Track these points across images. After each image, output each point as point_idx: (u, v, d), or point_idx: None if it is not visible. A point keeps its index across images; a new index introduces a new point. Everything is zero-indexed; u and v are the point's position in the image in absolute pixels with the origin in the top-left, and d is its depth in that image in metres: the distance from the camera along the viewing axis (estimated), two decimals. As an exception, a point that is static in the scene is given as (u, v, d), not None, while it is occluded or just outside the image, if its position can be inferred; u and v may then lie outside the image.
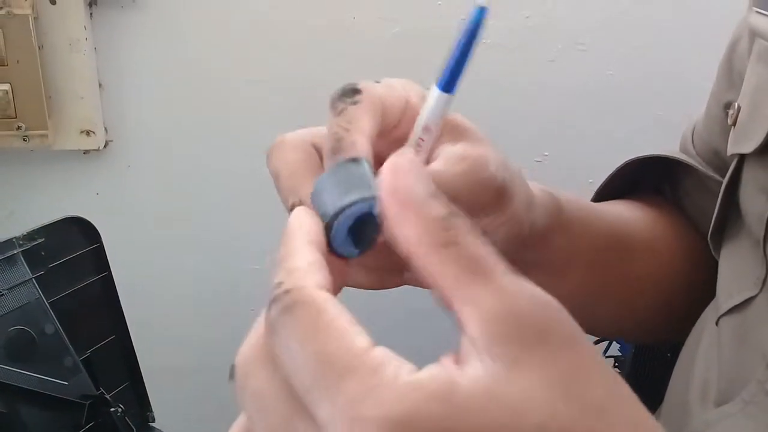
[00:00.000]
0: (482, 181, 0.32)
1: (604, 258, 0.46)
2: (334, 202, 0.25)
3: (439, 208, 0.22)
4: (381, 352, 0.21)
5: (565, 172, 0.98)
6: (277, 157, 0.32)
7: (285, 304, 0.22)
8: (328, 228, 0.25)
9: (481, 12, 0.28)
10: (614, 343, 1.06)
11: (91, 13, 0.86)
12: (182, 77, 0.92)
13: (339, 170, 0.27)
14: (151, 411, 0.59)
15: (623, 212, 0.51)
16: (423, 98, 0.32)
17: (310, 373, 0.21)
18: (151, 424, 0.59)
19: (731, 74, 0.49)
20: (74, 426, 0.51)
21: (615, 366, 1.07)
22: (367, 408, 0.19)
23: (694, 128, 0.56)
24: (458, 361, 0.21)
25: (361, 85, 0.31)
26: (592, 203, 0.49)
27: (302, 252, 0.24)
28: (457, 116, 0.34)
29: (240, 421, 0.24)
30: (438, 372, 0.20)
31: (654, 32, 0.96)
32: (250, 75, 0.93)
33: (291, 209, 0.29)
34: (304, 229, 0.25)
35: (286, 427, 0.21)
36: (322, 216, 0.26)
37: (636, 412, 0.22)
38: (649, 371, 0.81)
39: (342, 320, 0.21)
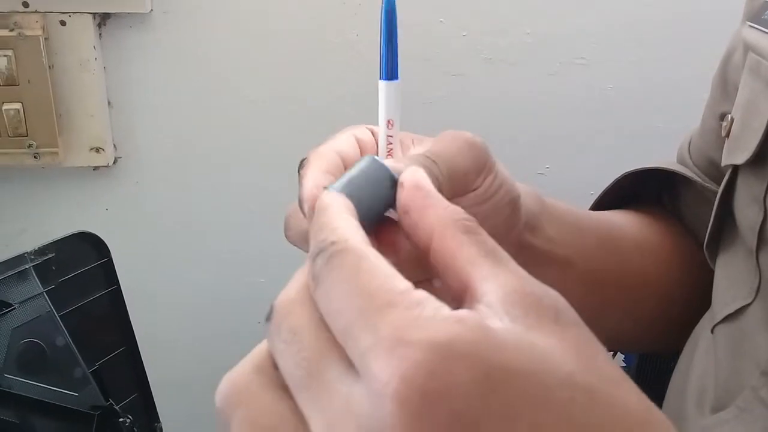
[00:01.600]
0: (477, 155, 0.35)
1: (598, 253, 0.46)
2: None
3: (458, 208, 0.24)
4: (422, 293, 0.21)
5: (567, 184, 0.99)
6: (288, 227, 0.35)
7: (330, 252, 0.22)
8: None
9: (387, 4, 0.31)
10: (618, 354, 1.06)
11: (100, 34, 0.88)
12: (189, 95, 0.94)
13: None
14: (159, 422, 0.60)
15: (615, 217, 0.52)
16: (365, 131, 0.35)
17: (352, 311, 0.21)
18: (158, 434, 0.60)
19: (726, 86, 0.49)
20: (84, 436, 0.52)
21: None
22: (411, 333, 0.20)
23: (690, 139, 0.57)
24: (482, 310, 0.22)
25: (307, 155, 0.34)
26: (578, 207, 0.50)
27: (343, 216, 0.25)
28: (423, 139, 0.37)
29: (262, 347, 0.24)
30: (475, 314, 0.21)
31: (652, 46, 0.97)
32: (256, 91, 0.94)
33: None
34: (339, 203, 0.26)
35: (317, 364, 0.22)
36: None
37: (639, 394, 0.22)
38: (652, 382, 0.82)
39: (384, 266, 0.22)
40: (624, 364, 1.05)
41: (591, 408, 0.20)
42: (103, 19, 0.87)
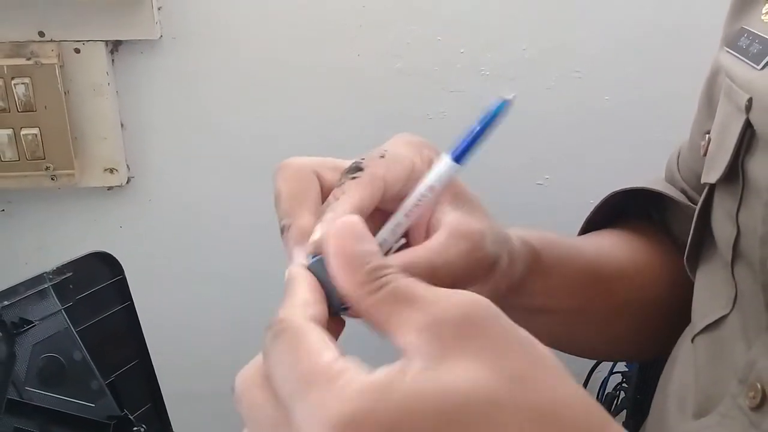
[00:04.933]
0: (479, 258, 0.36)
1: (583, 295, 0.48)
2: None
3: (366, 263, 0.27)
4: (340, 364, 0.25)
5: (566, 194, 1.01)
6: (281, 179, 0.36)
7: (275, 330, 0.27)
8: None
9: (504, 104, 0.32)
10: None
11: (112, 60, 0.91)
12: (198, 116, 0.96)
13: None
14: (172, 430, 0.61)
15: (603, 245, 0.53)
16: (430, 162, 0.36)
17: (288, 385, 0.25)
18: (172, 443, 0.62)
19: (710, 104, 0.51)
20: (101, 444, 0.54)
21: (622, 381, 1.09)
22: (323, 412, 0.24)
23: (679, 152, 0.58)
24: (404, 364, 0.25)
25: (365, 163, 0.35)
26: (570, 242, 0.51)
27: (300, 291, 0.29)
28: (461, 184, 0.38)
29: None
30: (380, 373, 0.25)
31: (648, 58, 0.98)
32: (262, 111, 0.97)
33: (282, 230, 0.34)
34: (305, 277, 0.30)
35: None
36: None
37: (557, 380, 0.25)
38: (654, 386, 0.83)
39: (316, 342, 0.26)
40: (626, 369, 1.07)
41: (496, 417, 0.23)
42: (115, 46, 0.91)
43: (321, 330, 0.27)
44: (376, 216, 0.35)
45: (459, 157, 0.33)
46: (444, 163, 0.33)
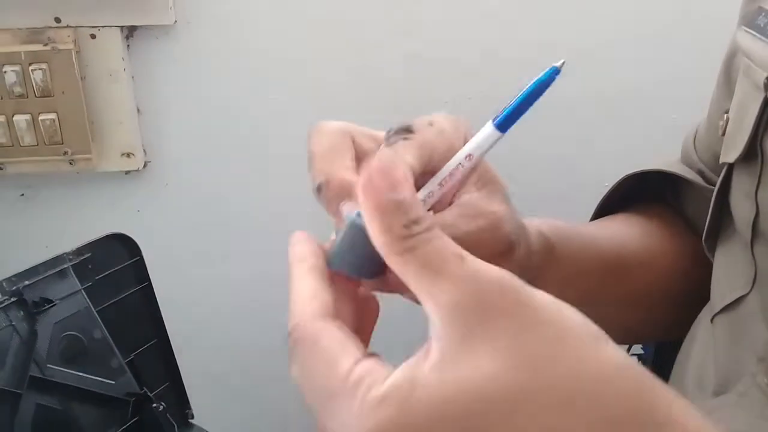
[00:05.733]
0: (494, 237, 0.35)
1: (598, 284, 0.48)
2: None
3: (401, 217, 0.25)
4: (358, 373, 0.25)
5: (576, 179, 1.01)
6: (315, 140, 0.34)
7: (293, 339, 0.27)
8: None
9: (552, 71, 0.31)
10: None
11: (128, 45, 0.92)
12: (213, 100, 0.97)
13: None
14: (190, 408, 0.63)
15: (618, 232, 0.53)
16: (465, 139, 0.34)
17: (310, 397, 0.26)
18: (190, 420, 0.62)
19: (729, 84, 0.50)
20: (120, 421, 0.55)
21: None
22: (344, 425, 0.24)
23: (696, 132, 0.58)
24: (428, 348, 0.25)
25: (415, 126, 0.34)
26: (585, 231, 0.50)
27: (302, 283, 0.29)
28: (488, 164, 0.37)
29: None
30: (400, 376, 0.24)
31: (661, 39, 0.97)
32: (276, 94, 0.97)
33: (318, 189, 0.33)
34: (303, 257, 0.29)
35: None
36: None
37: (588, 351, 0.24)
38: (670, 369, 0.83)
39: (331, 348, 0.26)
40: (642, 352, 1.07)
41: (515, 415, 0.23)
42: (130, 32, 0.91)
43: (334, 329, 0.27)
44: None
45: (501, 125, 0.31)
46: (486, 130, 0.32)
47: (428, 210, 0.34)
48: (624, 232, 0.53)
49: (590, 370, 0.24)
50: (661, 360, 0.98)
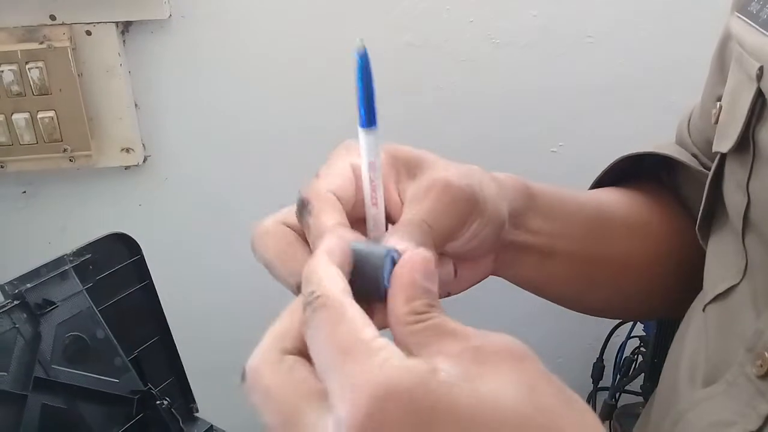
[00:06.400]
0: (454, 197, 0.36)
1: (584, 238, 0.48)
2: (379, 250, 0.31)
3: (423, 298, 0.29)
4: (382, 342, 0.26)
5: (580, 161, 1.01)
6: (264, 248, 0.36)
7: (315, 306, 0.27)
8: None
9: (360, 54, 0.32)
10: (638, 323, 1.08)
11: (123, 41, 0.92)
12: (210, 93, 0.97)
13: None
14: (195, 403, 0.63)
15: (605, 197, 0.53)
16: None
17: (327, 356, 0.26)
18: (195, 414, 0.62)
19: (722, 69, 0.49)
20: (126, 418, 0.55)
21: (640, 345, 1.10)
22: (361, 378, 0.25)
23: (690, 117, 0.57)
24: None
25: (306, 195, 0.35)
26: (568, 191, 0.51)
27: (328, 267, 0.29)
28: (402, 150, 0.38)
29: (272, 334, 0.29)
30: (423, 363, 0.26)
31: (662, 22, 0.97)
32: (272, 86, 0.97)
33: (297, 289, 0.33)
34: (329, 252, 0.31)
35: (290, 415, 0.27)
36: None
37: (586, 419, 0.26)
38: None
39: (356, 317, 0.27)
40: (644, 333, 1.07)
41: None
42: (125, 27, 0.91)
43: (361, 309, 0.28)
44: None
45: (365, 122, 0.32)
46: (362, 136, 0.33)
47: (387, 225, 0.36)
48: (614, 198, 0.54)
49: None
50: (662, 342, 0.98)
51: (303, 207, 0.35)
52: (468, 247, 0.39)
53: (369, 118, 0.32)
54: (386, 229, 0.36)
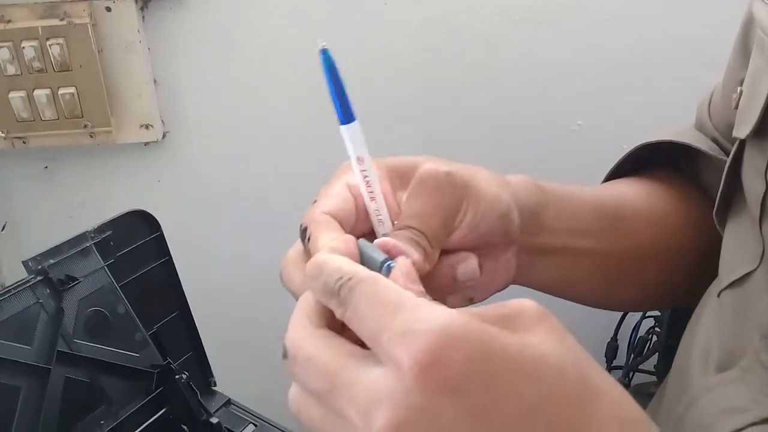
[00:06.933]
0: (433, 184, 0.37)
1: (602, 233, 0.48)
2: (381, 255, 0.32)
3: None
4: (423, 299, 0.27)
5: (600, 139, 1.00)
6: (289, 279, 0.37)
7: (350, 285, 0.28)
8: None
9: (323, 54, 0.33)
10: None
11: (143, 17, 0.92)
12: (229, 69, 0.97)
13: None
14: (213, 377, 0.64)
15: (621, 190, 0.53)
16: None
17: (375, 319, 0.27)
18: (213, 388, 0.64)
19: (746, 51, 0.48)
20: (146, 391, 0.57)
21: (654, 325, 1.09)
22: (415, 325, 0.26)
23: (711, 98, 0.57)
24: None
25: (305, 221, 0.36)
26: (583, 186, 0.51)
27: (339, 257, 0.30)
28: (394, 160, 0.39)
29: (293, 391, 0.30)
30: (464, 312, 0.27)
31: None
32: (291, 62, 0.97)
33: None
34: (333, 249, 0.32)
35: (337, 374, 0.28)
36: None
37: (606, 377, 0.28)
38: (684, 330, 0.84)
39: (393, 285, 0.28)
40: (658, 313, 1.07)
41: (561, 383, 0.26)
42: (144, 3, 0.92)
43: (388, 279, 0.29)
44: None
45: (345, 119, 0.33)
46: (344, 133, 0.34)
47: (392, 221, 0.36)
48: (629, 189, 0.53)
49: (608, 384, 0.29)
50: (677, 321, 0.98)
51: (304, 235, 0.36)
52: (473, 237, 0.39)
53: (346, 115, 0.33)
54: (392, 224, 0.36)
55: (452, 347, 0.25)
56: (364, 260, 0.32)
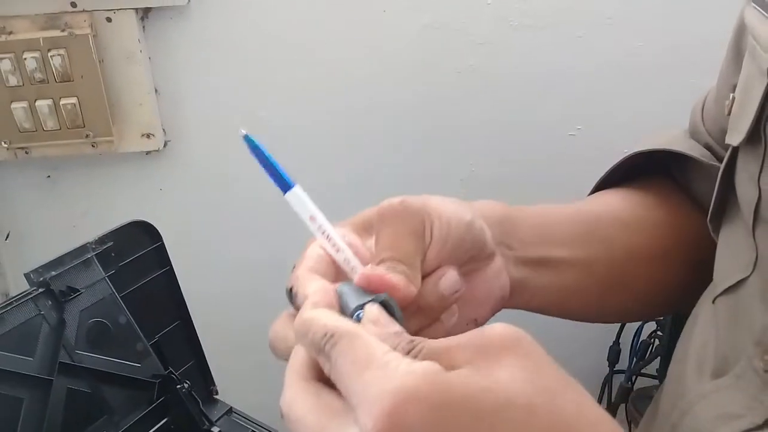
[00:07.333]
0: (400, 209, 0.37)
1: (581, 242, 0.48)
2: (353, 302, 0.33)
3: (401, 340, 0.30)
4: (393, 356, 0.28)
5: (599, 144, 1.01)
6: (278, 352, 0.37)
7: (333, 341, 0.29)
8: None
9: (247, 139, 0.36)
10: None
11: (143, 27, 0.93)
12: (229, 78, 0.98)
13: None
14: (215, 385, 0.64)
15: (601, 198, 0.53)
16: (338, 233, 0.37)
17: (350, 377, 0.28)
18: (215, 397, 0.64)
19: (738, 58, 0.48)
20: (147, 401, 0.57)
21: (657, 329, 1.10)
22: (379, 386, 0.27)
23: (704, 102, 0.56)
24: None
25: (291, 283, 0.36)
26: (556, 203, 0.51)
27: (324, 312, 0.31)
28: (357, 218, 0.40)
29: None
30: (428, 365, 0.27)
31: (682, 2, 0.95)
32: (291, 71, 0.98)
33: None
34: (324, 307, 0.33)
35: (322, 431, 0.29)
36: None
37: (583, 398, 0.28)
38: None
39: (370, 339, 0.29)
40: (661, 317, 1.07)
41: (530, 421, 0.26)
42: (145, 13, 0.92)
43: (372, 332, 0.30)
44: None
45: (284, 188, 0.36)
46: (290, 200, 0.36)
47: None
48: (610, 199, 0.53)
49: (588, 413, 0.28)
50: (679, 325, 0.98)
51: (290, 296, 0.36)
52: (449, 250, 0.38)
53: (283, 185, 0.36)
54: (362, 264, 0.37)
55: (409, 408, 0.26)
56: (342, 309, 0.33)
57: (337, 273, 0.37)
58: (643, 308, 0.56)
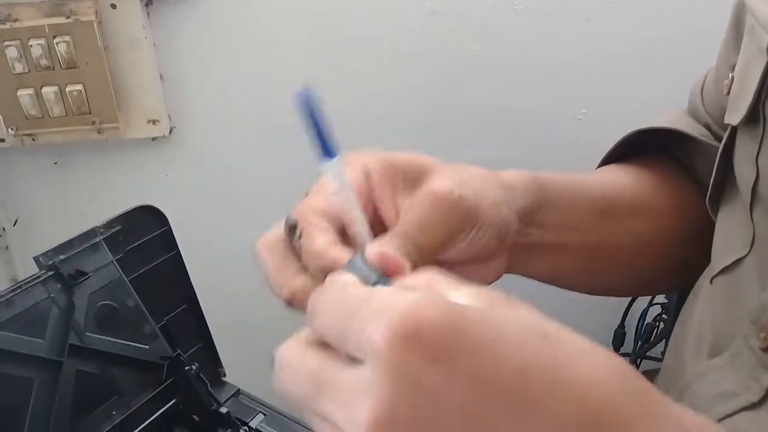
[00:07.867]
0: (444, 210, 0.37)
1: (593, 227, 0.48)
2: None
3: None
4: (392, 288, 0.28)
5: (604, 129, 1.00)
6: (262, 262, 0.38)
7: (319, 290, 0.29)
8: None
9: (305, 94, 0.32)
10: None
11: (148, 13, 0.93)
12: (234, 64, 0.98)
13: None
14: (222, 367, 0.65)
15: (615, 180, 0.53)
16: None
17: (342, 317, 0.27)
18: (222, 378, 0.65)
19: (738, 37, 0.48)
20: (156, 383, 0.58)
21: (662, 312, 1.10)
22: (386, 307, 0.25)
23: (704, 82, 0.56)
24: None
25: (296, 217, 0.36)
26: (579, 177, 0.50)
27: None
28: (401, 159, 0.38)
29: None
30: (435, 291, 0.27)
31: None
32: (296, 57, 0.98)
33: (287, 303, 0.36)
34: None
35: (320, 374, 0.27)
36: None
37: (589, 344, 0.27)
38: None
39: (356, 281, 0.29)
40: (665, 300, 1.07)
41: (545, 345, 0.26)
42: (149, 0, 0.92)
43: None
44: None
45: (325, 154, 0.33)
46: (324, 168, 0.33)
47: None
48: (622, 180, 0.53)
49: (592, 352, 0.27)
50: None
51: (293, 229, 0.36)
52: (466, 254, 0.38)
53: (326, 150, 0.32)
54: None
55: (429, 316, 0.24)
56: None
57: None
58: (644, 285, 0.56)
